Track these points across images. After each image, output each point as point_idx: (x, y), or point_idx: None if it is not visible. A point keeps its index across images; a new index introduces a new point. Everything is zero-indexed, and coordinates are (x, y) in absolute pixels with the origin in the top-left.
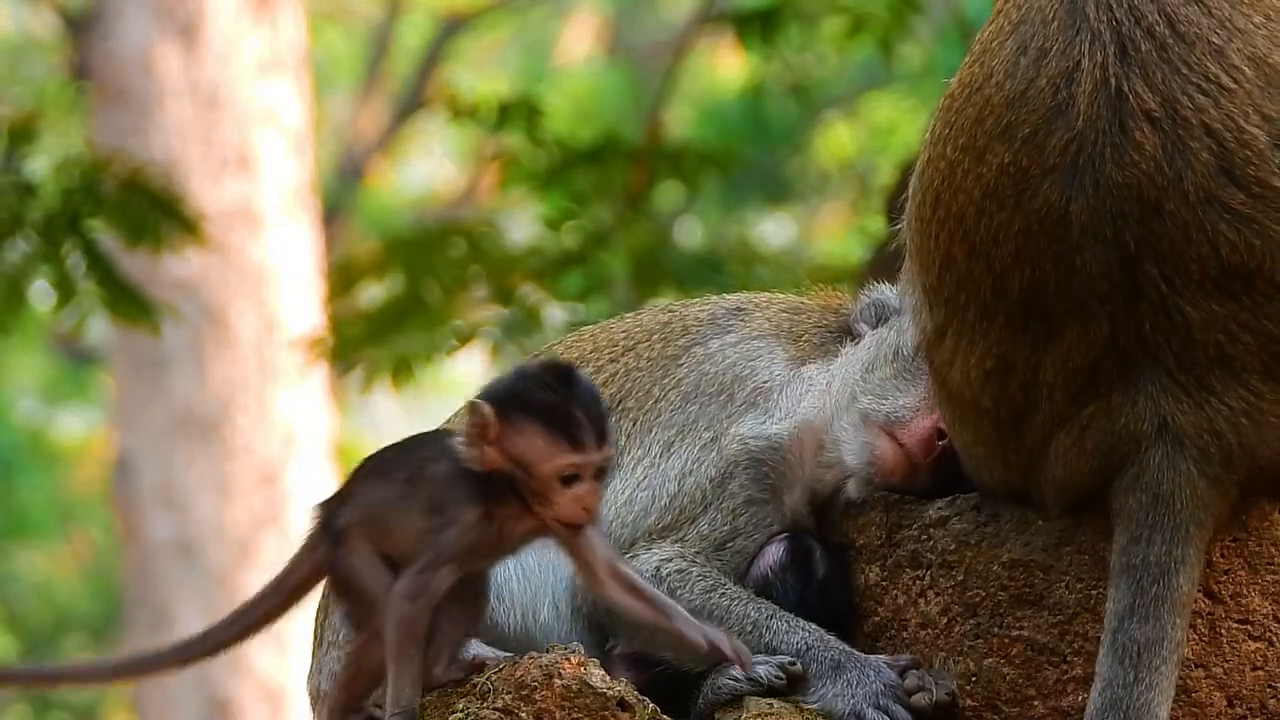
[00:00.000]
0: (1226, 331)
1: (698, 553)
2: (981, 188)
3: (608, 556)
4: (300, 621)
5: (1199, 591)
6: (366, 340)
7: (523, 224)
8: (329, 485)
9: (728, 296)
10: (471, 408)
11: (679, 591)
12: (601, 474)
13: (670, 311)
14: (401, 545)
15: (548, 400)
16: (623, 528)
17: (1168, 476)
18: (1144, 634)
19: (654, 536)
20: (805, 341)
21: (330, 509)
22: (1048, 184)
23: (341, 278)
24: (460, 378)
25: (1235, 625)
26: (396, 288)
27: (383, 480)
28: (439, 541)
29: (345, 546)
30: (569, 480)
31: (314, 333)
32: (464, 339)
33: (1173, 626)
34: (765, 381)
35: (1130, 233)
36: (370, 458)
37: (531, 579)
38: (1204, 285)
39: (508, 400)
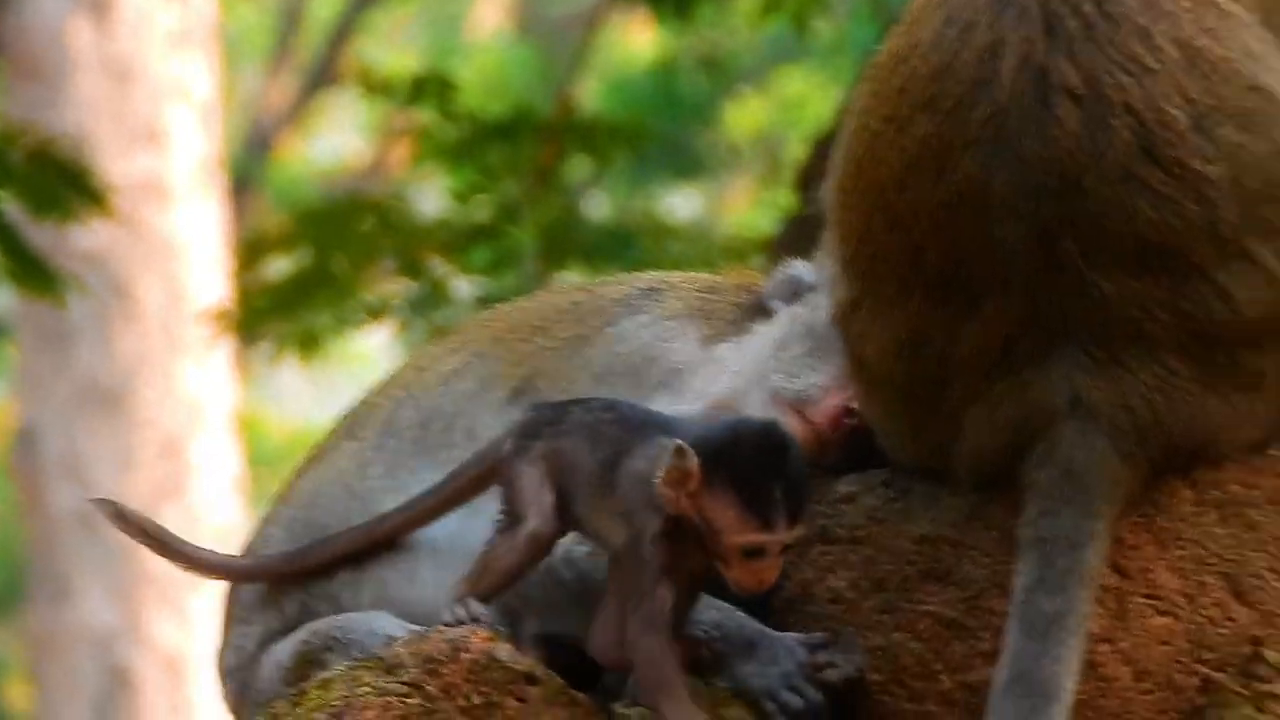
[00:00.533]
0: (1143, 308)
1: None
2: (903, 159)
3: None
4: (203, 592)
5: (1107, 567)
6: (274, 313)
7: (431, 197)
8: (232, 458)
9: (642, 276)
10: (679, 453)
11: (592, 574)
12: (788, 549)
13: (585, 291)
14: (578, 504)
15: (752, 473)
16: None
17: (1080, 451)
18: (1051, 606)
19: None
20: (719, 320)
21: (540, 419)
22: (969, 157)
23: (250, 251)
24: (368, 351)
25: (1143, 600)
26: (305, 261)
27: (588, 443)
28: (642, 558)
29: (525, 455)
30: (752, 554)
31: (220, 305)
32: (374, 313)
33: (1080, 600)
34: (678, 362)
35: (1050, 208)
36: (594, 405)
37: (442, 559)
38: (1123, 262)
39: (714, 459)
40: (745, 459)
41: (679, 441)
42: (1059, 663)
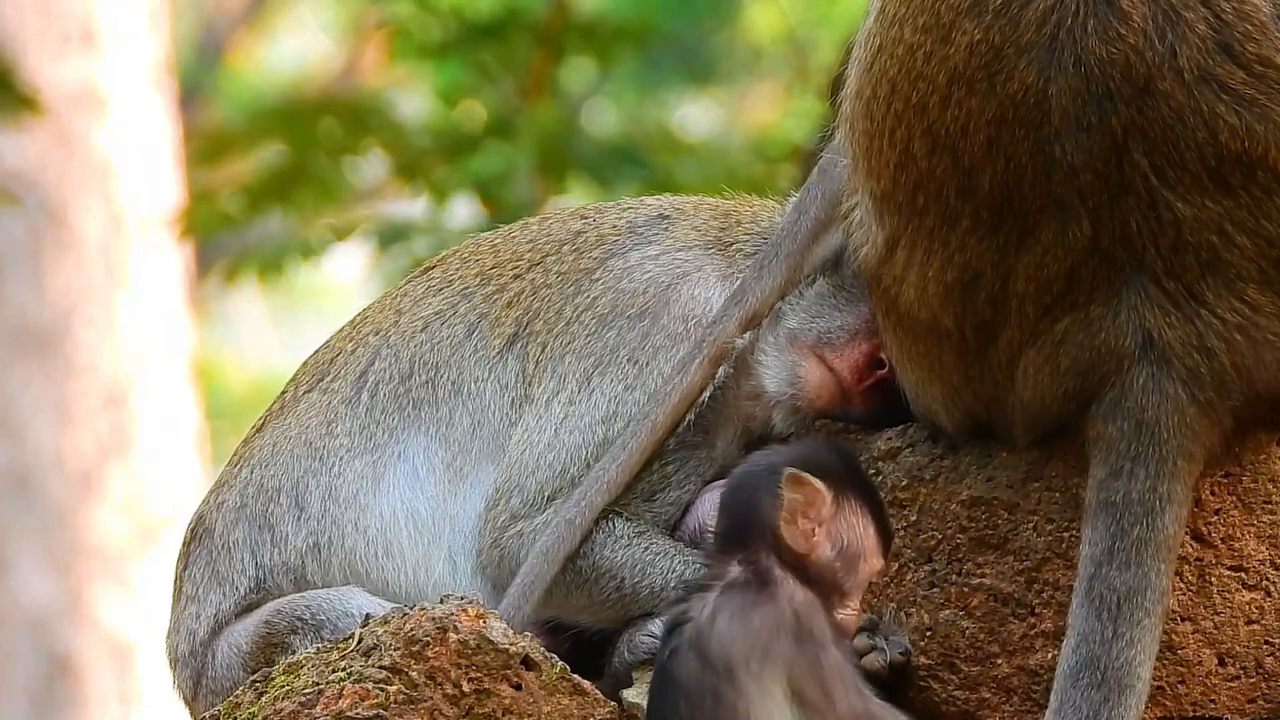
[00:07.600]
0: (1221, 232)
1: (624, 504)
2: (947, 72)
3: None
4: (152, 568)
5: (1186, 534)
6: (246, 212)
7: (412, 105)
8: (187, 409)
9: (649, 200)
10: (794, 480)
11: (601, 548)
12: None
13: (583, 218)
14: None
15: (870, 489)
16: (550, 478)
17: (1153, 400)
18: (1124, 582)
19: (577, 488)
20: (736, 252)
21: None
22: (1024, 64)
23: (211, 148)
24: (338, 285)
25: (1227, 573)
26: (276, 159)
27: None
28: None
29: None
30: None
31: (178, 207)
32: (341, 234)
33: (1156, 574)
34: (695, 305)
35: (1117, 117)
36: None
37: (424, 530)
38: (1199, 177)
39: (839, 478)
40: (861, 472)
41: (790, 469)
42: (1134, 646)
